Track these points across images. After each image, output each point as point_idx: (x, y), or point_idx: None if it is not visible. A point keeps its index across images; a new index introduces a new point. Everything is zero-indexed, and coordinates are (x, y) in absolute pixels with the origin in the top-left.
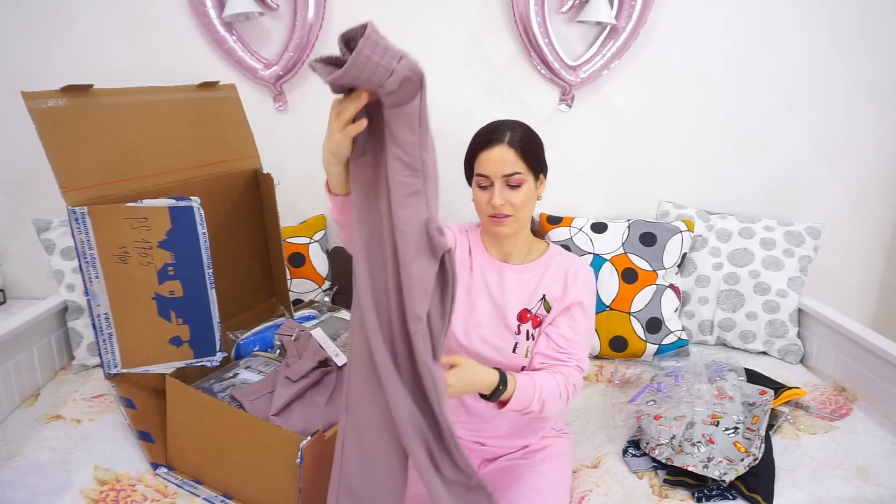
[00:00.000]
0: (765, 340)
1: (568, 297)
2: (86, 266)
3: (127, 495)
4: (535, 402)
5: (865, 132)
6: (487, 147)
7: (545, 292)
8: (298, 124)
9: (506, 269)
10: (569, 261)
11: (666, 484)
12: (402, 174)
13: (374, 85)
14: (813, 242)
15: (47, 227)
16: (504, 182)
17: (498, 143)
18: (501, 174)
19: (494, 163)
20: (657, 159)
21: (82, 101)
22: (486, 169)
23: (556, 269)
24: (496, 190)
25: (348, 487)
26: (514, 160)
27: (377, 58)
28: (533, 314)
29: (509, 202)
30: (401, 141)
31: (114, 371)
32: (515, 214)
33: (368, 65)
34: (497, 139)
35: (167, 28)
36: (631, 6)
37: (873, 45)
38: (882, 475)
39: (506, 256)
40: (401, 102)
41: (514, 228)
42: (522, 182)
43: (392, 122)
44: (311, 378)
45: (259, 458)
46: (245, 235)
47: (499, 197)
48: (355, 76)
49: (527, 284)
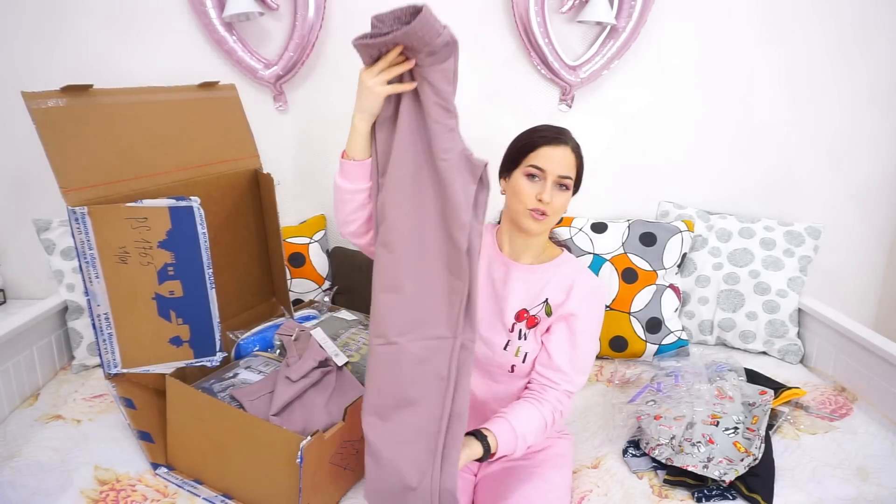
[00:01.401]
0: (765, 340)
1: (568, 306)
2: (86, 266)
3: (127, 495)
4: (520, 448)
5: (866, 132)
6: (554, 144)
7: (548, 296)
8: (298, 124)
9: (513, 266)
10: (579, 272)
11: (666, 484)
12: (442, 117)
13: (424, 43)
14: (813, 242)
15: (47, 227)
16: (556, 182)
17: (564, 144)
18: (559, 173)
19: (556, 161)
20: (657, 159)
21: (82, 101)
22: (547, 164)
23: (563, 276)
24: (548, 186)
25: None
26: (572, 165)
27: (433, 20)
28: (530, 314)
29: (553, 202)
30: (440, 91)
31: (114, 371)
32: (552, 216)
33: (429, 23)
34: (564, 140)
35: (167, 28)
36: (631, 6)
37: (874, 45)
38: (882, 475)
39: (517, 255)
40: (441, 61)
41: (544, 228)
42: (570, 187)
43: (432, 77)
44: (311, 378)
45: (259, 458)
46: (245, 235)
47: (549, 193)
48: (416, 31)
49: (532, 285)
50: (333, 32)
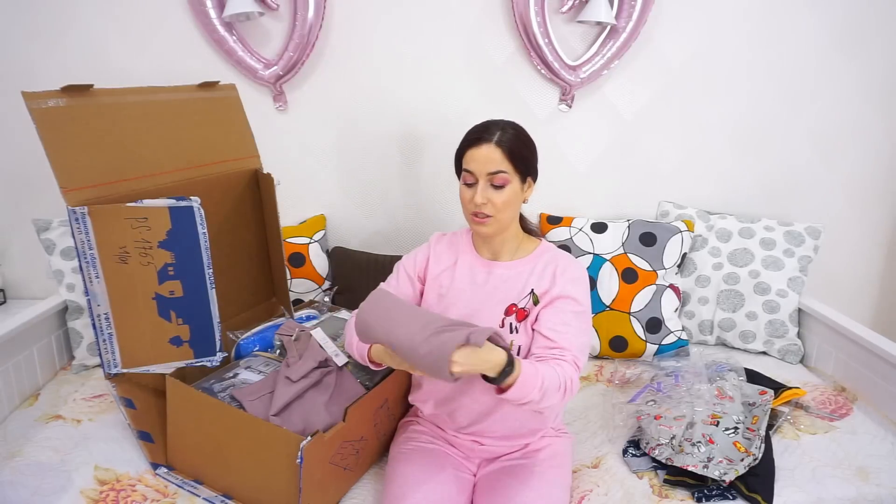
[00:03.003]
0: (765, 340)
1: (554, 290)
2: (86, 266)
3: (127, 495)
4: (537, 391)
5: (865, 132)
6: (475, 144)
7: (534, 287)
8: (298, 124)
9: (494, 266)
10: (559, 257)
11: (666, 484)
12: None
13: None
14: (813, 242)
15: (47, 227)
16: (488, 181)
17: (486, 142)
18: (486, 172)
19: (480, 161)
20: (657, 159)
21: (82, 101)
22: (472, 166)
23: (545, 265)
24: (479, 188)
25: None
26: (501, 160)
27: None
28: (519, 308)
29: (491, 202)
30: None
31: (114, 371)
32: (496, 215)
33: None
34: (486, 138)
35: (167, 28)
36: (631, 6)
37: (873, 45)
38: (882, 475)
39: (495, 254)
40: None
41: (494, 229)
42: (506, 182)
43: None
44: (312, 378)
45: (259, 458)
46: (245, 235)
47: (480, 195)
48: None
49: (515, 280)
50: (333, 32)
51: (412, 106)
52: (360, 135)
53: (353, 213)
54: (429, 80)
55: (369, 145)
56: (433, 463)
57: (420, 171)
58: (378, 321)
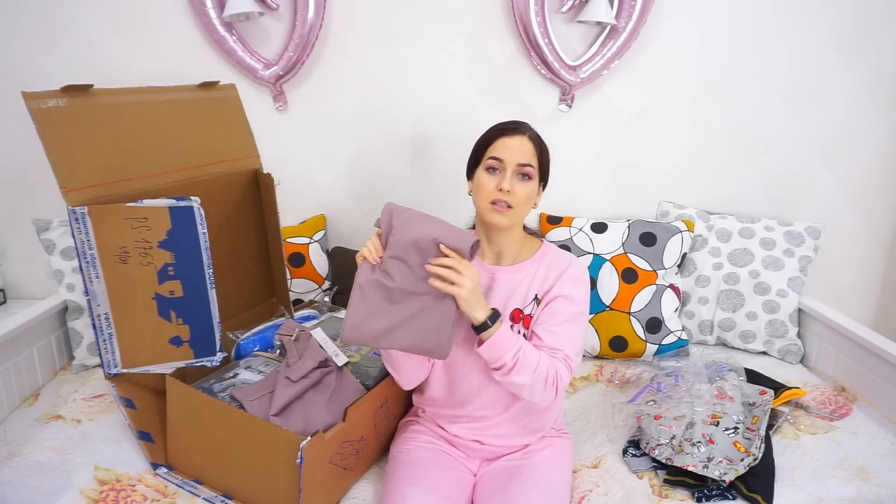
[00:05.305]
0: (765, 340)
1: (554, 290)
2: (86, 266)
3: (127, 495)
4: (510, 357)
5: (865, 132)
6: (509, 134)
7: (537, 291)
8: (298, 124)
9: (497, 271)
10: (560, 258)
11: (666, 484)
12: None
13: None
14: (813, 242)
15: (47, 227)
16: (517, 171)
17: (520, 134)
18: (517, 162)
19: (513, 149)
20: (657, 159)
21: (82, 101)
22: (503, 153)
23: (547, 267)
24: (507, 175)
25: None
26: (531, 154)
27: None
28: (525, 314)
29: (515, 192)
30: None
31: (114, 371)
32: (516, 208)
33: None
34: (520, 130)
35: (167, 28)
36: (631, 6)
37: (873, 46)
38: (882, 475)
39: (498, 256)
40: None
41: (511, 221)
42: (532, 176)
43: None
44: (312, 378)
45: (259, 458)
46: (245, 235)
47: (508, 182)
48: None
49: (518, 284)
50: (333, 32)
51: (412, 106)
52: (360, 135)
53: (353, 213)
54: (429, 80)
55: (369, 145)
56: (433, 463)
57: (420, 170)
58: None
